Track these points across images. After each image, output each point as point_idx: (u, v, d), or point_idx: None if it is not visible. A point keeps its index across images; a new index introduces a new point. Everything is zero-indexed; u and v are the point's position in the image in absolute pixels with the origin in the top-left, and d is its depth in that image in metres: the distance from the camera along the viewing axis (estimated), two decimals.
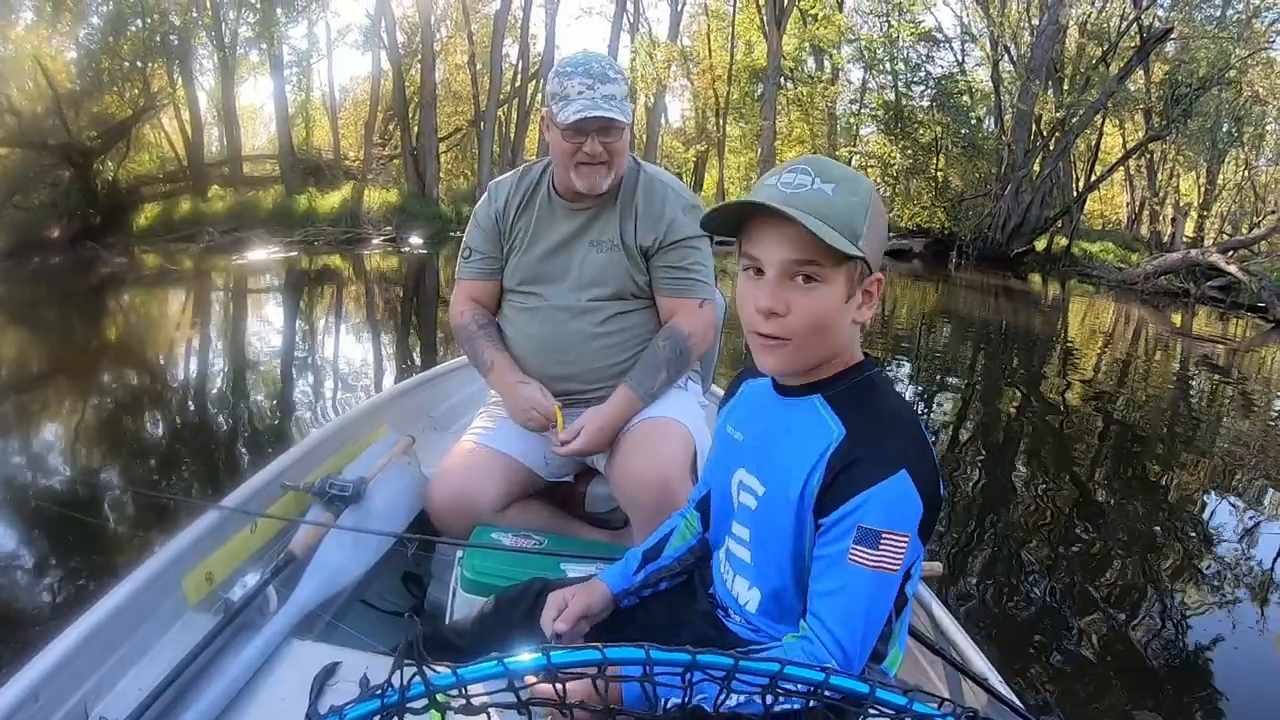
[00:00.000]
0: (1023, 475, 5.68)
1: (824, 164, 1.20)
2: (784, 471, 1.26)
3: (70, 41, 17.83)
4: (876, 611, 1.18)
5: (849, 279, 1.20)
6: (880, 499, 1.15)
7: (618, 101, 2.09)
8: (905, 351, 9.70)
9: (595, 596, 1.51)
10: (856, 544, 1.15)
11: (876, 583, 1.16)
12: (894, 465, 1.15)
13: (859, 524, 1.15)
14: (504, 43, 23.29)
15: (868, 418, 1.22)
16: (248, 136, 28.79)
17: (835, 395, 1.26)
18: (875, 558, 1.14)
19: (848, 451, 1.19)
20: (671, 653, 0.78)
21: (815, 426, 1.25)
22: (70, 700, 1.60)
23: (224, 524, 2.13)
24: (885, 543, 1.14)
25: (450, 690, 0.74)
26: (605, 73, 2.09)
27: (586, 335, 2.29)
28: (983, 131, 24.81)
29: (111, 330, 9.34)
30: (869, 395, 1.26)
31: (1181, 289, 16.76)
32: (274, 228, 17.07)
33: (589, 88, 2.07)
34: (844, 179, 1.19)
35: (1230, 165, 27.37)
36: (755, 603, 1.34)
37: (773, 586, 1.31)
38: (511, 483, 2.30)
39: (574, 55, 2.16)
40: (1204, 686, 3.22)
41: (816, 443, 1.22)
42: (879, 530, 1.14)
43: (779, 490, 1.26)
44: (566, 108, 2.08)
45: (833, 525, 1.18)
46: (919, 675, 1.96)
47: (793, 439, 1.27)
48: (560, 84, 2.10)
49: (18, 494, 4.30)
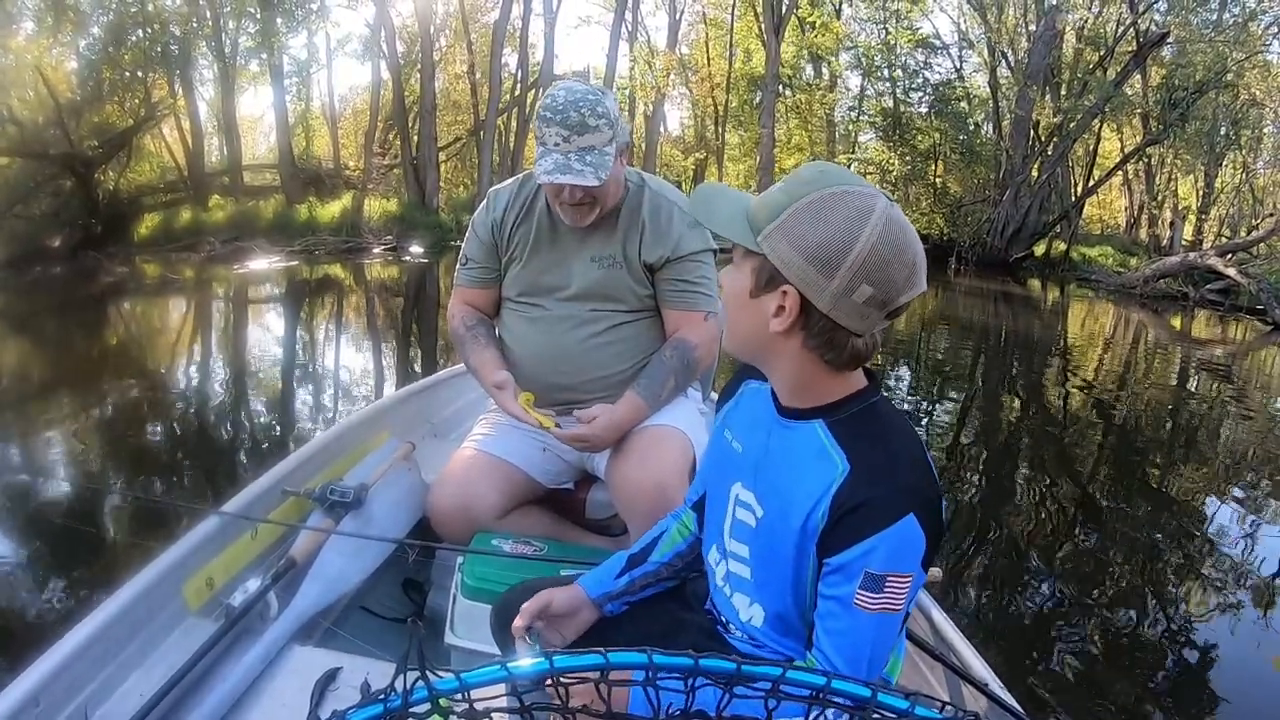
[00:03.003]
0: (1023, 480, 5.69)
1: (815, 172, 1.18)
2: (785, 499, 1.23)
3: (71, 52, 17.87)
4: (881, 647, 1.18)
5: (754, 273, 1.18)
6: (886, 545, 1.12)
7: (596, 153, 2.02)
8: (905, 358, 9.71)
9: (559, 594, 1.46)
10: (862, 589, 1.13)
11: (881, 623, 1.15)
12: (900, 509, 1.12)
13: (865, 569, 1.13)
14: (503, 52, 23.32)
15: (871, 452, 1.18)
16: (248, 146, 28.83)
17: (837, 423, 1.22)
18: (881, 601, 1.13)
19: (852, 491, 1.15)
20: (674, 657, 0.78)
21: (818, 457, 1.21)
22: (70, 705, 1.60)
23: (225, 530, 2.13)
24: (890, 585, 1.13)
25: (453, 695, 0.74)
26: (584, 121, 2.00)
27: (586, 346, 2.28)
28: (981, 137, 24.86)
29: (113, 339, 9.35)
30: (872, 425, 1.22)
31: (1180, 292, 16.78)
32: (275, 237, 17.06)
33: (565, 139, 2.01)
34: (799, 180, 1.17)
35: (1228, 168, 27.33)
36: (759, 618, 1.32)
37: (775, 606, 1.29)
38: (512, 489, 2.30)
39: (558, 94, 2.04)
40: (1203, 693, 3.22)
41: (820, 476, 1.19)
42: (884, 574, 1.13)
43: (779, 517, 1.24)
44: (541, 160, 2.04)
45: (838, 569, 1.16)
46: (919, 680, 1.96)
47: (794, 467, 1.24)
48: (540, 129, 2.04)
49: (20, 501, 4.31)
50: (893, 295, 1.13)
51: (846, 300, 1.12)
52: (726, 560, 1.37)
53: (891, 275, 1.12)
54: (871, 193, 1.14)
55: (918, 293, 1.16)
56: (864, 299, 1.12)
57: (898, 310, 1.16)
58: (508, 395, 2.17)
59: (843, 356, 1.18)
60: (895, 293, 1.13)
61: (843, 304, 1.13)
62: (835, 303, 1.13)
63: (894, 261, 1.11)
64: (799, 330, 1.17)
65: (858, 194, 1.13)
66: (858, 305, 1.13)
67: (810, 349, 1.18)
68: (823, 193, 1.13)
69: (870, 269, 1.11)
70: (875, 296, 1.12)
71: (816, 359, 1.19)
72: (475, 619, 1.90)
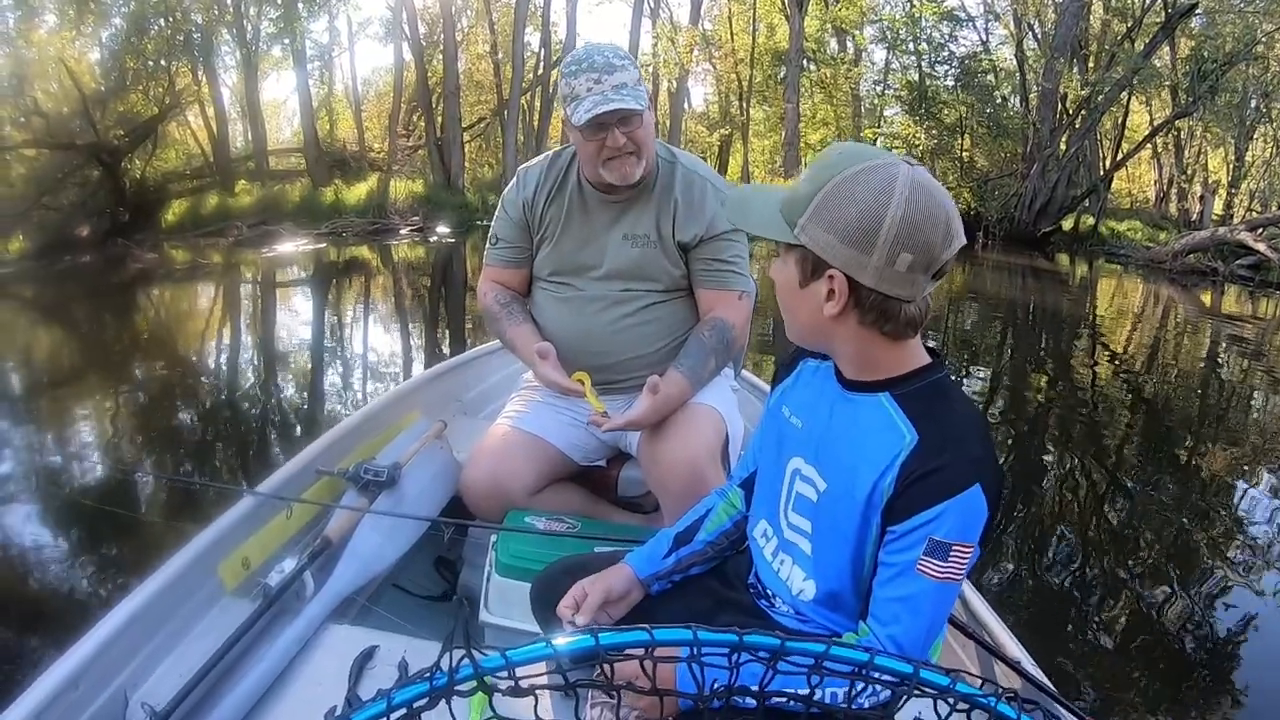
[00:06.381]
0: (1053, 457, 5.65)
1: (835, 155, 1.20)
2: (850, 470, 1.24)
3: (94, 43, 18.07)
4: (939, 619, 1.20)
5: (799, 264, 1.22)
6: (955, 512, 1.14)
7: (630, 89, 2.03)
8: (933, 333, 9.64)
9: (614, 579, 1.49)
10: (927, 555, 1.15)
11: (942, 592, 1.17)
12: (970, 478, 1.15)
13: (931, 536, 1.15)
14: (525, 31, 23.28)
15: (940, 424, 1.20)
16: (272, 131, 28.93)
17: (904, 395, 1.24)
18: (943, 569, 1.15)
19: (922, 460, 1.17)
20: (718, 633, 0.78)
21: (885, 428, 1.22)
22: (110, 687, 1.61)
23: (259, 510, 2.15)
24: (954, 554, 1.15)
25: (498, 672, 0.74)
26: (610, 63, 2.03)
27: (620, 326, 2.27)
28: (1008, 111, 24.54)
29: (145, 325, 9.45)
30: (940, 399, 1.24)
31: (1210, 268, 16.51)
32: (301, 220, 17.17)
33: (596, 82, 2.01)
34: (821, 166, 1.19)
35: (1259, 142, 26.93)
36: (810, 593, 1.32)
37: (830, 581, 1.30)
38: (545, 466, 2.30)
39: (577, 52, 2.10)
40: (1235, 672, 3.19)
41: (887, 446, 1.21)
42: (950, 543, 1.15)
43: (844, 489, 1.25)
44: (578, 107, 2.02)
45: (903, 534, 1.18)
46: (953, 658, 1.96)
47: (860, 437, 1.25)
48: (568, 84, 2.04)
49: (56, 485, 4.36)
50: (934, 256, 1.15)
51: (890, 271, 1.15)
52: (781, 534, 1.38)
53: (927, 238, 1.14)
54: (892, 162, 1.16)
55: (958, 247, 1.18)
56: (906, 266, 1.14)
57: (943, 269, 1.18)
58: (549, 365, 2.16)
59: (899, 325, 1.20)
60: (936, 253, 1.15)
61: (887, 275, 1.15)
62: (880, 276, 1.15)
63: (926, 224, 1.13)
64: (852, 309, 1.20)
65: (879, 167, 1.15)
66: (901, 274, 1.15)
67: (867, 324, 1.21)
68: (845, 174, 1.16)
69: (905, 236, 1.13)
70: (917, 261, 1.14)
71: (875, 333, 1.22)
72: (510, 597, 1.90)
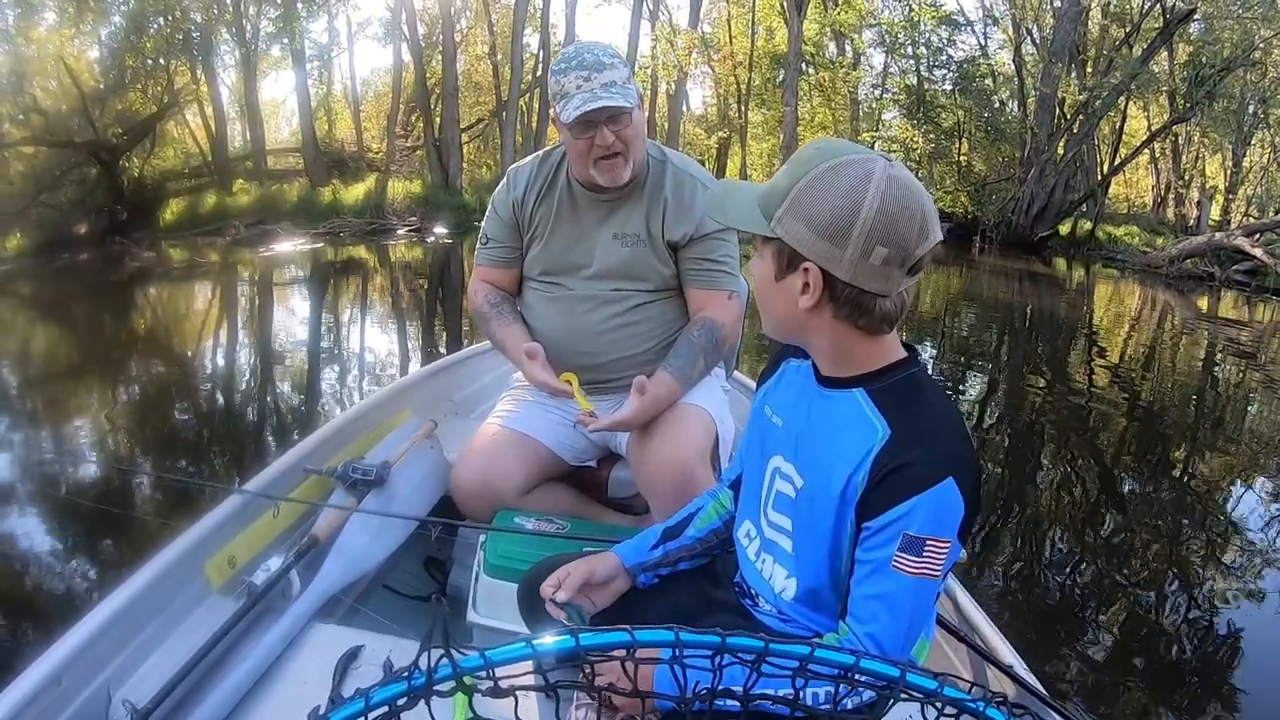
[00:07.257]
0: (1047, 461, 5.65)
1: (813, 149, 1.20)
2: (825, 467, 1.24)
3: (93, 41, 18.03)
4: (919, 616, 1.19)
5: (775, 257, 1.22)
6: (927, 506, 1.14)
7: (619, 87, 2.03)
8: (929, 336, 9.65)
9: (599, 562, 1.49)
10: (901, 551, 1.15)
11: (920, 589, 1.16)
12: (941, 472, 1.14)
13: (904, 531, 1.14)
14: (524, 33, 23.25)
15: (913, 418, 1.20)
16: (271, 130, 28.95)
17: (878, 391, 1.24)
18: (919, 565, 1.15)
19: (893, 454, 1.17)
20: (701, 635, 0.77)
21: (858, 423, 1.23)
22: (93, 684, 1.60)
23: (247, 508, 2.13)
24: (929, 549, 1.14)
25: (478, 673, 0.73)
26: (600, 61, 2.03)
27: (609, 326, 2.27)
28: (1006, 115, 24.55)
29: (141, 323, 9.44)
30: (914, 393, 1.24)
31: (1207, 273, 16.54)
32: (299, 220, 17.14)
33: (586, 80, 2.01)
34: (799, 160, 1.20)
35: (1256, 147, 26.95)
36: (791, 591, 1.32)
37: (810, 579, 1.30)
38: (535, 466, 2.29)
39: (567, 50, 2.11)
40: (1229, 678, 3.18)
41: (860, 441, 1.21)
42: (924, 538, 1.14)
43: (819, 485, 1.25)
44: (567, 104, 2.03)
45: (877, 530, 1.17)
46: (944, 662, 1.95)
47: (835, 433, 1.25)
48: (558, 82, 2.04)
49: (45, 480, 4.35)
50: (909, 251, 1.15)
51: (864, 265, 1.15)
52: (763, 533, 1.39)
53: (902, 232, 1.14)
54: (870, 158, 1.16)
55: (934, 243, 1.18)
56: (881, 260, 1.14)
57: (918, 264, 1.18)
58: (537, 365, 2.16)
59: (874, 320, 1.20)
60: (910, 248, 1.15)
61: (862, 269, 1.15)
62: (854, 270, 1.16)
63: (901, 219, 1.13)
64: (827, 303, 1.20)
65: (856, 161, 1.15)
66: (876, 267, 1.15)
67: (842, 319, 1.21)
68: (822, 167, 1.16)
69: (880, 230, 1.13)
70: (892, 255, 1.14)
71: (849, 327, 1.22)
72: (497, 597, 1.90)
